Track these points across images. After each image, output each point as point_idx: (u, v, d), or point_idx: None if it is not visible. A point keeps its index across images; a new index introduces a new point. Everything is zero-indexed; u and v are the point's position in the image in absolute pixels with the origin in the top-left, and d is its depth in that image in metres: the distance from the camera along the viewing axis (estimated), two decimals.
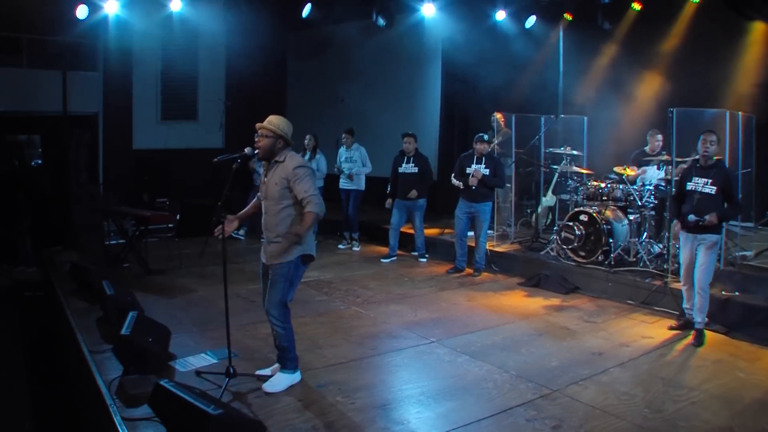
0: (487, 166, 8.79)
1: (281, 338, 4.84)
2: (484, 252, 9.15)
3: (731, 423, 4.47)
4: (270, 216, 4.77)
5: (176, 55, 13.57)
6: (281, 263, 4.74)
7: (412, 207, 9.72)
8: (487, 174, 8.75)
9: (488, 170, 8.77)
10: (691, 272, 6.24)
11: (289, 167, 4.65)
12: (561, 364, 5.58)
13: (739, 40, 9.19)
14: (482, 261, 9.11)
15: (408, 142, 9.68)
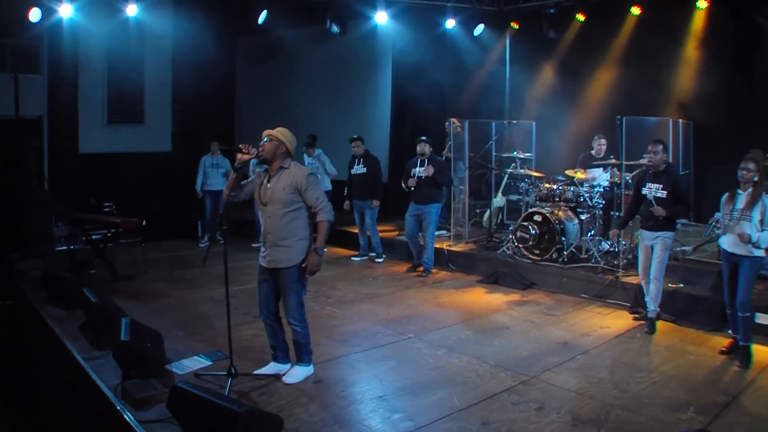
0: (430, 166, 9.17)
1: (299, 336, 5.16)
2: (432, 253, 9.48)
3: (688, 398, 5.03)
4: (274, 220, 5.00)
5: (122, 59, 13.44)
6: (289, 268, 4.99)
7: (364, 208, 10.03)
8: (429, 175, 9.09)
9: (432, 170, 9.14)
10: (648, 267, 6.80)
11: (298, 174, 4.94)
12: (532, 354, 6.03)
13: (677, 51, 9.92)
14: (430, 261, 9.45)
15: (356, 146, 10.01)
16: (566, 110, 11.06)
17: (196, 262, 9.73)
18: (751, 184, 5.75)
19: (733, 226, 5.78)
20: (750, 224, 5.69)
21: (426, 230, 9.31)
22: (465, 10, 11.84)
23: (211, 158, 11.24)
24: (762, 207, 5.67)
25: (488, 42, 12.27)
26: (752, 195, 5.74)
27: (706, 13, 9.44)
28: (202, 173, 11.21)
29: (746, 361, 5.78)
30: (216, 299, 7.56)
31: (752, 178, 5.74)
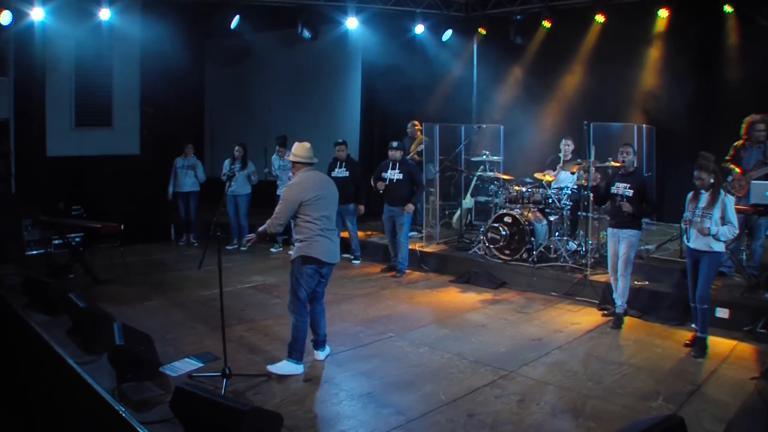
0: (400, 171, 9.42)
1: (292, 328, 5.57)
2: (406, 253, 9.72)
3: (657, 388, 5.38)
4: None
5: (91, 62, 13.36)
6: (291, 262, 5.69)
7: (343, 211, 10.18)
8: (401, 177, 9.35)
9: (401, 174, 9.39)
10: (616, 264, 7.15)
11: None
12: (509, 350, 6.32)
13: (640, 58, 10.36)
14: (404, 262, 9.68)
15: (340, 150, 10.18)
16: (533, 114, 11.42)
17: (173, 265, 9.84)
18: (709, 185, 6.13)
19: (698, 223, 6.15)
20: (711, 221, 6.07)
21: (399, 231, 9.54)
22: (434, 15, 12.13)
23: (183, 160, 11.34)
24: (722, 204, 6.07)
25: (456, 47, 12.58)
26: (712, 196, 6.12)
27: (666, 21, 9.88)
28: (173, 175, 11.28)
29: (701, 351, 6.19)
30: (198, 302, 7.71)
31: (708, 182, 6.11)
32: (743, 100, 8.95)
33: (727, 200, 6.09)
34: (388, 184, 9.40)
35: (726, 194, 6.15)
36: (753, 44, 9.24)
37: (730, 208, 6.06)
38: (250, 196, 11.13)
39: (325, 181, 5.84)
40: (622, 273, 7.12)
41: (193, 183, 11.36)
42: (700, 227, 6.09)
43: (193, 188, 11.34)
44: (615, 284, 7.26)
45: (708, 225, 6.07)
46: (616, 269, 7.16)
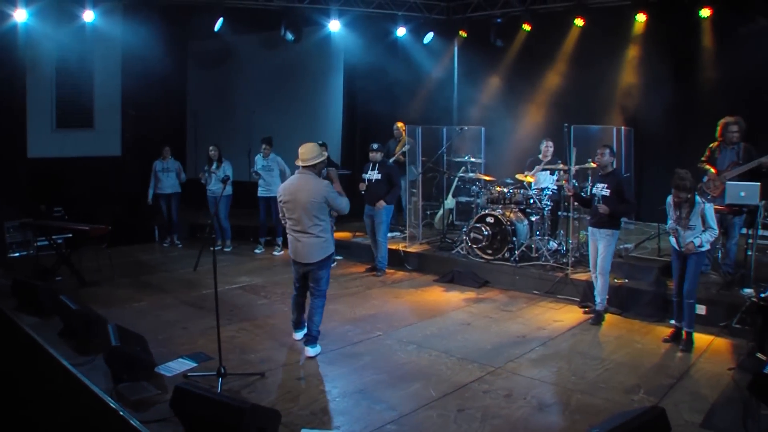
0: (380, 172, 9.55)
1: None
2: (386, 252, 9.86)
3: (638, 381, 5.59)
4: None
5: (72, 63, 13.31)
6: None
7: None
8: (379, 178, 9.48)
9: (380, 175, 9.52)
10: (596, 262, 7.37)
11: None
12: (494, 347, 6.49)
13: (619, 61, 10.65)
14: (384, 261, 9.83)
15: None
16: (514, 116, 11.64)
17: (159, 267, 9.89)
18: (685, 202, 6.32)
19: (683, 235, 6.35)
20: (694, 233, 6.29)
21: (378, 230, 9.67)
22: (415, 18, 12.30)
23: (161, 163, 11.41)
24: (701, 212, 6.28)
25: (438, 49, 12.77)
26: (690, 206, 6.32)
27: (644, 26, 10.14)
28: (153, 178, 11.33)
29: (689, 345, 6.42)
30: (187, 303, 7.80)
31: (686, 198, 6.30)
32: (718, 103, 9.25)
33: (707, 209, 6.31)
34: (368, 184, 9.53)
35: (704, 202, 6.36)
36: (727, 48, 9.56)
37: (710, 215, 6.29)
38: (230, 197, 11.20)
39: (299, 187, 5.99)
40: (601, 272, 7.33)
41: (174, 184, 11.42)
42: (686, 247, 6.30)
43: (175, 190, 11.41)
44: (595, 282, 7.46)
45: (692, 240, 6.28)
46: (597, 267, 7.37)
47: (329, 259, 6.20)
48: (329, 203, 5.96)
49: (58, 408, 5.41)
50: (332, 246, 6.18)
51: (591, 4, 10.45)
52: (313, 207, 5.92)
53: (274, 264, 10.32)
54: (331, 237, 6.17)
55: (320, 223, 5.99)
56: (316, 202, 5.91)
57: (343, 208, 6.07)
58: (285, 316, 7.27)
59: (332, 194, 5.97)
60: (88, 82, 13.64)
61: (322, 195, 5.91)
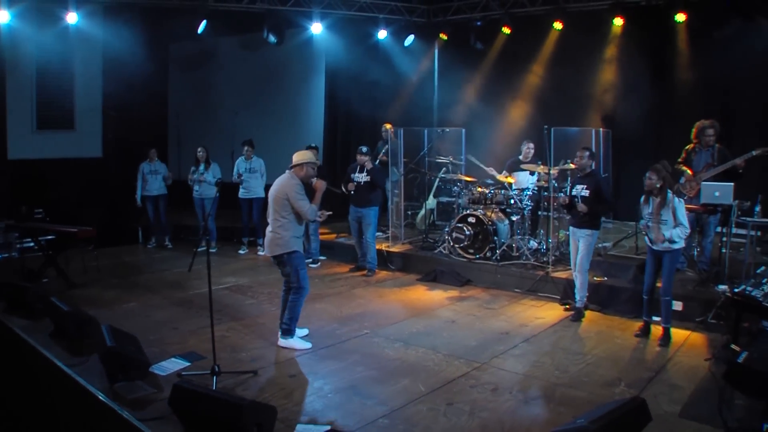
0: (368, 174, 9.69)
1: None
2: (374, 252, 10.00)
3: (619, 375, 5.80)
4: None
5: (52, 65, 13.28)
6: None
7: None
8: (367, 180, 9.60)
9: (368, 177, 9.66)
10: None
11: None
12: (479, 344, 6.66)
13: (597, 64, 10.91)
14: (374, 261, 9.98)
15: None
16: (494, 117, 11.84)
17: (145, 268, 9.93)
18: (657, 190, 6.57)
19: (656, 231, 6.58)
20: (666, 227, 6.52)
21: (366, 231, 9.81)
22: (396, 21, 12.44)
23: (149, 165, 11.41)
24: (672, 208, 6.52)
25: (418, 52, 12.93)
26: (660, 200, 6.56)
27: (621, 30, 10.40)
28: (141, 180, 11.34)
29: (667, 340, 6.65)
30: (175, 303, 7.88)
31: (655, 185, 6.56)
32: (693, 105, 9.58)
33: (677, 204, 6.54)
34: (356, 186, 9.66)
35: (674, 197, 6.60)
36: (702, 52, 9.86)
37: (680, 211, 6.52)
38: (217, 198, 11.22)
39: (276, 184, 6.38)
40: (580, 270, 7.54)
41: (161, 186, 11.45)
42: (656, 237, 6.53)
43: (162, 191, 11.44)
44: (576, 280, 7.67)
45: (663, 233, 6.51)
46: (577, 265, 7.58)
47: (293, 256, 6.32)
48: (291, 203, 6.15)
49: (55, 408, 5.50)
50: (293, 245, 6.28)
51: (569, 8, 10.68)
52: (277, 202, 6.24)
53: (258, 264, 10.39)
54: (291, 236, 6.27)
55: (281, 220, 6.21)
56: (280, 198, 6.22)
57: (303, 212, 6.20)
58: (273, 315, 7.37)
59: (295, 195, 6.16)
60: (69, 83, 13.62)
61: (285, 192, 6.17)
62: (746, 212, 7.79)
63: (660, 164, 6.71)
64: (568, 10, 10.72)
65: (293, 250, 6.31)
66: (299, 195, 6.19)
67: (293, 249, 6.31)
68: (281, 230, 6.23)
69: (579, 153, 7.56)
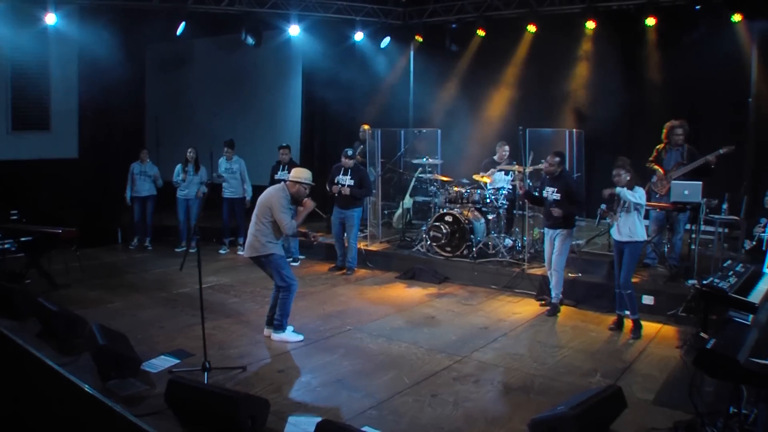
0: (352, 177, 9.85)
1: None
2: (355, 253, 10.18)
3: (595, 366, 6.06)
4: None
5: (27, 65, 13.22)
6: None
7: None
8: (352, 184, 9.77)
9: (353, 181, 9.81)
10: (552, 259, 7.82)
11: None
12: (459, 338, 6.87)
13: (570, 66, 11.21)
14: (354, 261, 10.14)
15: (284, 153, 10.52)
16: (470, 118, 12.08)
17: (128, 268, 9.97)
18: (627, 183, 6.86)
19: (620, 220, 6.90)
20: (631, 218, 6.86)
21: (349, 232, 9.97)
22: (373, 23, 12.61)
23: (139, 166, 11.38)
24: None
25: (394, 54, 13.12)
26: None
27: (594, 33, 10.70)
28: (131, 181, 11.34)
29: (638, 331, 6.96)
30: (160, 303, 7.98)
31: (624, 179, 6.85)
32: (663, 106, 9.93)
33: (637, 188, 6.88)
34: (341, 189, 9.78)
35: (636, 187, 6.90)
36: (671, 55, 10.21)
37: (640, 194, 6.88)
38: (202, 200, 11.32)
39: (267, 191, 6.70)
40: (555, 268, 7.80)
41: (151, 188, 11.43)
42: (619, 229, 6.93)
43: (151, 193, 11.40)
44: (551, 277, 7.92)
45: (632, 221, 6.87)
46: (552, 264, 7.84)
47: (271, 258, 6.53)
48: (273, 212, 6.41)
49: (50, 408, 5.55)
50: (270, 248, 6.50)
51: (543, 12, 10.93)
52: (261, 208, 6.51)
53: (238, 264, 10.47)
54: (267, 240, 6.48)
55: (260, 224, 6.48)
56: (264, 205, 6.49)
57: (283, 225, 6.42)
58: (257, 313, 7.53)
59: (280, 207, 6.41)
60: (45, 84, 13.56)
61: (271, 201, 6.45)
62: (714, 210, 8.15)
63: (622, 160, 6.99)
64: (542, 13, 10.98)
65: (270, 253, 6.51)
66: (283, 208, 6.42)
67: (270, 252, 6.51)
68: (259, 234, 6.49)
69: (549, 158, 7.80)
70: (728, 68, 9.82)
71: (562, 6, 10.81)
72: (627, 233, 6.88)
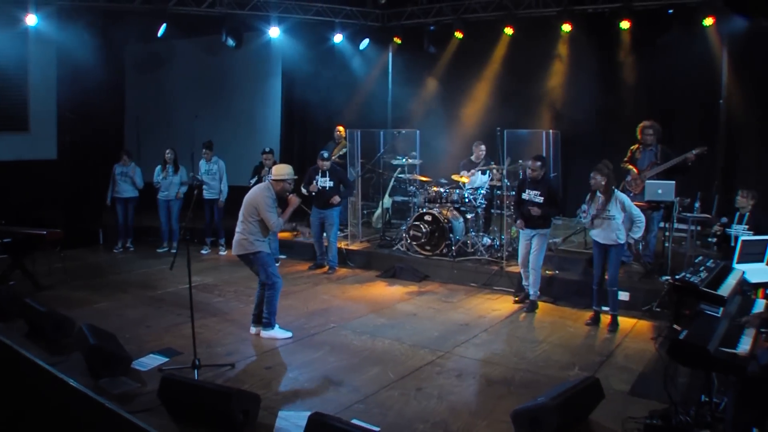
0: (331, 178, 9.99)
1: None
2: (336, 252, 10.32)
3: (573, 360, 6.28)
4: None
5: (5, 65, 13.14)
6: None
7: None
8: (331, 185, 9.92)
9: (332, 182, 9.95)
10: (527, 258, 8.04)
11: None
12: (441, 334, 7.04)
13: (546, 68, 11.47)
14: (335, 260, 10.28)
15: (267, 158, 10.61)
16: (447, 119, 12.28)
17: (111, 269, 10.00)
18: (602, 188, 7.07)
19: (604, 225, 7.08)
20: (614, 223, 7.02)
21: (329, 232, 10.10)
22: (352, 25, 12.75)
23: (121, 167, 11.35)
24: (618, 203, 7.03)
25: (373, 55, 13.28)
26: (606, 197, 7.08)
27: (569, 35, 10.96)
28: (112, 182, 11.31)
29: (615, 327, 7.20)
30: (145, 302, 8.05)
31: (600, 183, 7.07)
32: (637, 107, 10.21)
33: (622, 197, 7.06)
34: (320, 190, 9.90)
35: (619, 192, 7.11)
36: (645, 57, 10.50)
37: (629, 203, 7.04)
38: (182, 200, 11.36)
39: (252, 190, 6.86)
40: (533, 266, 8.01)
41: (132, 189, 11.41)
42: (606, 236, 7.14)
43: (132, 194, 11.39)
44: (525, 274, 8.19)
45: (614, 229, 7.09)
46: (527, 263, 8.10)
47: (258, 256, 6.67)
48: (259, 212, 6.56)
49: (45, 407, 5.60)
50: (258, 246, 6.65)
51: (519, 14, 11.16)
52: (247, 208, 6.66)
53: (220, 264, 10.57)
54: (255, 239, 6.63)
55: (247, 223, 6.63)
56: (251, 205, 6.63)
57: (270, 223, 6.59)
58: (242, 312, 7.64)
59: (265, 206, 6.55)
60: (23, 84, 13.45)
61: (257, 201, 6.60)
62: (687, 208, 8.41)
63: (602, 164, 7.22)
64: (519, 16, 11.20)
65: (258, 251, 6.66)
66: (269, 207, 6.56)
67: (258, 250, 6.65)
68: (246, 233, 6.63)
69: (531, 164, 7.98)
70: (700, 70, 10.13)
71: (539, 9, 11.05)
72: (613, 237, 7.09)
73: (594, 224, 7.19)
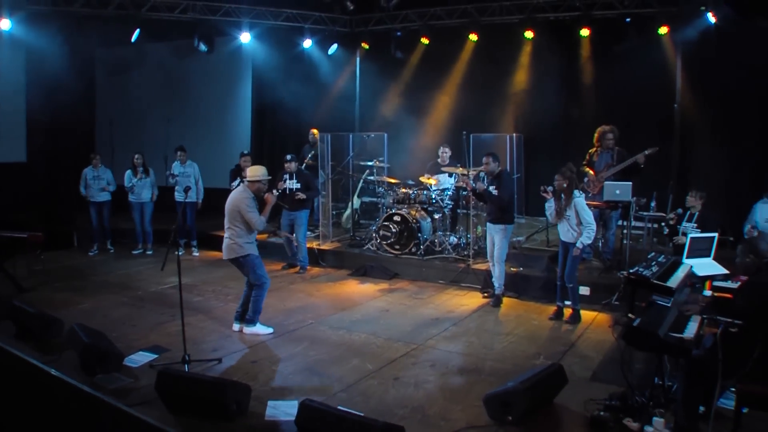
0: (298, 181, 10.31)
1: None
2: (306, 251, 10.64)
3: (538, 350, 6.74)
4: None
5: None
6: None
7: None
8: (299, 187, 10.23)
9: (299, 184, 10.26)
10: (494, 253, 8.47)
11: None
12: (413, 329, 7.44)
13: (509, 73, 11.96)
14: (305, 260, 10.60)
15: (245, 161, 10.83)
16: (414, 123, 12.68)
17: (90, 271, 10.14)
18: (564, 190, 7.55)
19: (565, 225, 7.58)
20: (569, 223, 7.50)
21: (298, 232, 10.41)
22: (321, 31, 13.09)
23: (92, 171, 11.40)
24: (574, 207, 7.49)
25: (341, 60, 13.65)
26: (566, 199, 7.55)
27: (532, 42, 11.47)
28: (83, 186, 11.39)
29: (577, 319, 7.65)
30: (127, 303, 8.29)
31: (563, 185, 7.54)
32: (596, 112, 10.78)
33: (577, 201, 7.53)
34: (288, 193, 10.20)
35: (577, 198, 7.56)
36: (604, 64, 11.07)
37: (581, 207, 7.51)
38: (155, 203, 11.55)
39: (231, 195, 7.17)
40: (497, 260, 8.45)
41: (105, 193, 11.48)
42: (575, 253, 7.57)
43: (106, 198, 11.47)
44: (493, 269, 8.58)
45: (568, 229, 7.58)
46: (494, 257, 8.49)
47: (248, 258, 7.04)
48: (242, 215, 6.90)
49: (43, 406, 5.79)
50: (247, 249, 7.02)
51: (484, 21, 11.63)
52: (231, 214, 6.99)
53: (195, 265, 10.77)
54: (244, 242, 7.00)
55: (234, 228, 6.98)
56: (233, 210, 6.98)
57: (253, 223, 6.93)
58: (222, 310, 7.94)
59: (246, 208, 6.91)
60: None
61: (238, 205, 6.95)
62: (643, 207, 8.99)
63: (566, 167, 7.69)
64: (483, 22, 11.67)
65: (247, 254, 7.02)
66: (249, 208, 6.91)
67: (247, 252, 7.02)
68: (235, 237, 6.98)
69: (485, 159, 8.43)
70: (656, 76, 10.74)
71: (503, 16, 11.55)
72: (573, 235, 7.56)
73: (558, 220, 7.66)
